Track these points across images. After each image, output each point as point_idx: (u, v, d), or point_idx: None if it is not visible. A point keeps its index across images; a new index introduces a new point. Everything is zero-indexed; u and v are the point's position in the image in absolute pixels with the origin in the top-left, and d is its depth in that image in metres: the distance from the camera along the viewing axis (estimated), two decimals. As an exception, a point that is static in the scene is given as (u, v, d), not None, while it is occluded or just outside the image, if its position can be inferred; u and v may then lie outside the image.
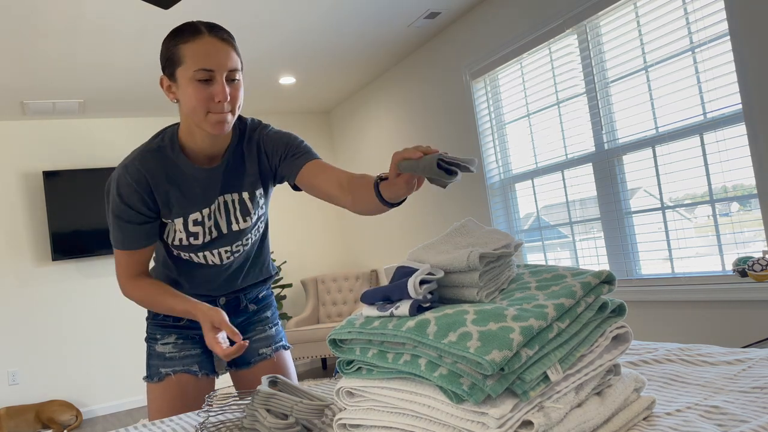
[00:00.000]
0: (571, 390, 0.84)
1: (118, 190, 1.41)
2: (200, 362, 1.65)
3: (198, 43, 1.30)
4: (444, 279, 0.97)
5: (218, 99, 1.30)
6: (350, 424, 0.96)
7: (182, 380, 1.61)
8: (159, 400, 1.60)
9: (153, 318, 1.66)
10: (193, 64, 1.29)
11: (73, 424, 4.72)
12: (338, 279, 5.68)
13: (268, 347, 1.74)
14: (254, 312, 1.75)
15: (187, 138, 1.42)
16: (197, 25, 1.33)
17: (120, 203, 1.41)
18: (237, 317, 1.71)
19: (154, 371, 1.62)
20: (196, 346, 1.66)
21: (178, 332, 1.65)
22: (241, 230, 1.53)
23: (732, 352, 1.25)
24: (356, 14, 3.90)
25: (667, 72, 2.91)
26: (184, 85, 1.31)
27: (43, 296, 5.03)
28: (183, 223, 1.47)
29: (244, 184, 1.51)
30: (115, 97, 4.88)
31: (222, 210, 1.50)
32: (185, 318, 1.64)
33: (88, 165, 5.29)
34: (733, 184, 2.71)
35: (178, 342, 1.64)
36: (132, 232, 1.44)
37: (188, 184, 1.45)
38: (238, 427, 1.07)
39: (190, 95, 1.31)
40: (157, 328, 1.65)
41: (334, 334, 0.96)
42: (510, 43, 3.77)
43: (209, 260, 1.56)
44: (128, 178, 1.40)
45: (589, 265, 3.48)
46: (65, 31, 3.56)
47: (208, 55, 1.29)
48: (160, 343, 1.63)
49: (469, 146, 4.25)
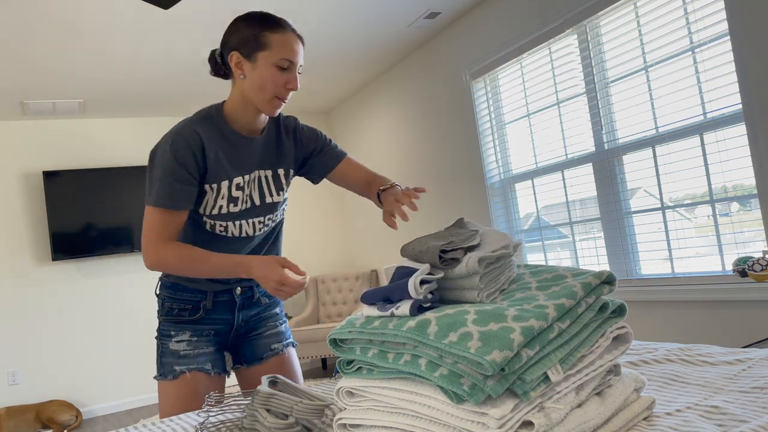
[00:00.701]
0: (571, 390, 0.84)
1: (173, 151, 1.47)
2: (213, 360, 1.66)
3: (285, 35, 1.49)
4: (445, 281, 0.97)
5: (290, 86, 1.50)
6: (350, 424, 0.96)
7: (196, 378, 1.62)
8: (172, 398, 1.60)
9: (166, 314, 1.66)
10: (278, 53, 1.47)
11: (73, 424, 4.72)
12: (338, 279, 5.68)
13: (279, 343, 1.78)
14: (266, 306, 1.77)
15: (234, 110, 1.55)
16: (278, 19, 1.51)
17: (173, 162, 1.46)
18: (250, 309, 1.73)
19: (168, 369, 1.62)
20: (210, 344, 1.67)
21: (192, 329, 1.65)
22: (274, 203, 1.65)
23: (732, 352, 1.25)
24: (356, 14, 3.90)
25: (667, 72, 2.91)
26: (262, 67, 1.48)
27: (43, 296, 5.04)
28: (228, 186, 1.55)
29: (280, 161, 1.65)
30: (115, 97, 4.88)
31: (257, 182, 1.61)
32: (199, 312, 1.64)
33: (88, 165, 5.29)
34: (733, 184, 2.71)
35: (193, 340, 1.64)
36: (179, 191, 1.47)
37: (233, 149, 1.56)
38: (238, 427, 1.07)
39: (267, 78, 1.48)
40: (171, 324, 1.65)
41: (335, 334, 0.96)
42: (510, 43, 3.77)
43: (243, 230, 1.61)
44: (184, 139, 1.48)
45: (589, 265, 3.48)
46: (65, 31, 3.56)
47: (291, 49, 1.49)
48: (174, 340, 1.64)
49: (469, 146, 4.25)
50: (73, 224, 5.02)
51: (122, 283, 5.32)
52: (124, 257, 5.34)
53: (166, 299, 1.66)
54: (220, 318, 1.68)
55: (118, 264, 5.32)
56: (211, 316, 1.67)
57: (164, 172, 1.46)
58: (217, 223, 1.57)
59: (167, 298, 1.66)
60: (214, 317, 1.67)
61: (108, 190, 5.17)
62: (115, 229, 5.16)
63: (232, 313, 1.70)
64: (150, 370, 5.34)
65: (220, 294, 1.66)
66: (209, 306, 1.65)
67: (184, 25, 3.69)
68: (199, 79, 4.72)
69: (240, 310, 1.71)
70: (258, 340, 1.76)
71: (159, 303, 1.69)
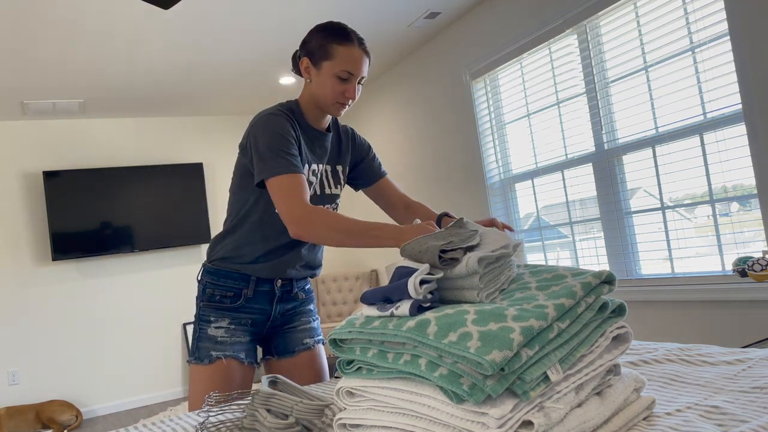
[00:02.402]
0: (571, 390, 0.84)
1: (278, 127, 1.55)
2: (247, 350, 1.73)
3: (349, 49, 1.58)
4: (444, 281, 0.97)
5: (348, 96, 1.61)
6: (350, 424, 0.96)
7: (230, 365, 1.67)
8: (205, 382, 1.65)
9: (208, 300, 1.71)
10: (340, 64, 1.58)
11: (73, 424, 4.72)
12: (338, 279, 5.68)
13: (311, 338, 1.84)
14: (302, 302, 1.84)
15: (307, 106, 1.68)
16: (350, 33, 1.61)
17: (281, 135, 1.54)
18: (287, 303, 1.79)
19: (204, 353, 1.67)
20: (246, 333, 1.73)
21: (231, 316, 1.70)
22: (333, 194, 1.76)
23: (732, 352, 1.25)
24: (356, 14, 3.90)
25: (667, 72, 2.91)
26: (325, 75, 1.59)
27: (43, 296, 5.04)
28: (308, 169, 1.65)
29: (340, 159, 1.79)
30: (115, 97, 4.88)
31: (323, 173, 1.74)
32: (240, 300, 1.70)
33: (88, 165, 5.29)
34: (733, 184, 2.71)
35: (230, 327, 1.70)
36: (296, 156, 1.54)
37: (310, 139, 1.68)
38: (238, 427, 1.07)
39: (327, 86, 1.59)
40: (211, 310, 1.70)
41: (335, 334, 0.96)
42: (510, 43, 3.77)
43: None
44: (282, 119, 1.58)
45: (589, 265, 3.48)
46: (65, 31, 3.56)
47: (354, 62, 1.59)
48: (213, 326, 1.69)
49: (469, 146, 4.25)
50: (73, 224, 5.02)
51: (122, 283, 5.32)
52: (124, 257, 5.34)
53: (208, 285, 1.72)
54: (259, 308, 1.74)
55: (118, 264, 5.32)
56: (251, 305, 1.72)
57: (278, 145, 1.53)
58: None
59: (209, 284, 1.72)
60: (253, 306, 1.72)
61: (108, 190, 5.17)
62: (115, 229, 5.16)
63: (271, 304, 1.75)
64: (150, 369, 5.34)
65: (261, 284, 1.71)
66: (250, 295, 1.71)
67: (184, 25, 3.69)
68: (198, 79, 4.72)
69: (278, 302, 1.76)
70: (292, 333, 1.82)
71: (200, 289, 1.74)
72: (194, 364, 1.67)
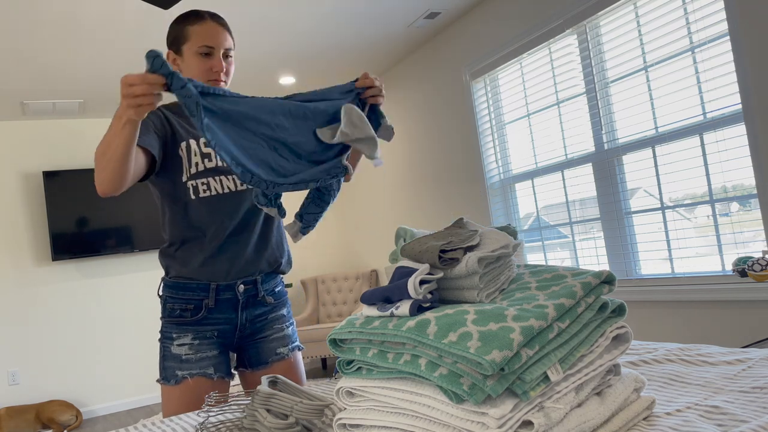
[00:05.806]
0: (571, 390, 0.84)
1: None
2: (216, 364, 1.65)
3: (202, 25, 1.60)
4: (444, 281, 0.97)
5: (217, 70, 1.60)
6: (350, 424, 0.96)
7: (199, 384, 1.60)
8: (175, 403, 1.59)
9: (169, 315, 1.64)
10: (197, 41, 1.60)
11: (73, 424, 4.72)
12: (338, 279, 5.68)
13: (285, 347, 1.75)
14: (272, 307, 1.75)
15: None
16: (200, 11, 1.63)
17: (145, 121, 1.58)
18: (255, 308, 1.71)
19: (170, 373, 1.61)
20: (213, 347, 1.65)
21: (194, 331, 1.63)
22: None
23: (732, 352, 1.25)
24: (356, 14, 3.90)
25: (666, 72, 2.91)
26: (188, 57, 1.61)
27: (43, 296, 5.03)
28: (197, 143, 1.64)
29: None
30: (115, 98, 4.87)
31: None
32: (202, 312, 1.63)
33: (88, 165, 5.28)
34: (732, 184, 2.71)
35: (194, 343, 1.63)
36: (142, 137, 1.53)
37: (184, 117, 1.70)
38: (238, 427, 1.07)
39: (193, 66, 1.60)
40: (173, 326, 1.63)
41: (335, 334, 0.96)
42: (510, 43, 3.77)
43: (225, 186, 1.64)
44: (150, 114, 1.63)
45: (589, 265, 3.48)
46: (65, 31, 3.56)
47: (209, 36, 1.60)
48: (176, 343, 1.62)
49: (469, 146, 4.25)
50: (73, 224, 5.02)
51: (122, 283, 5.32)
52: (124, 257, 5.34)
53: (168, 299, 1.65)
54: (224, 317, 1.66)
55: (118, 264, 5.32)
56: (214, 316, 1.65)
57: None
58: (199, 182, 1.61)
59: (168, 298, 1.65)
60: (217, 317, 1.65)
61: (108, 190, 5.16)
62: (115, 229, 5.16)
63: (236, 312, 1.67)
64: (150, 369, 5.34)
65: (222, 291, 1.64)
66: (212, 305, 1.63)
67: (184, 25, 3.69)
68: (199, 79, 4.72)
69: (244, 308, 1.68)
70: (263, 343, 1.73)
71: (162, 304, 1.67)
72: (162, 384, 1.62)
